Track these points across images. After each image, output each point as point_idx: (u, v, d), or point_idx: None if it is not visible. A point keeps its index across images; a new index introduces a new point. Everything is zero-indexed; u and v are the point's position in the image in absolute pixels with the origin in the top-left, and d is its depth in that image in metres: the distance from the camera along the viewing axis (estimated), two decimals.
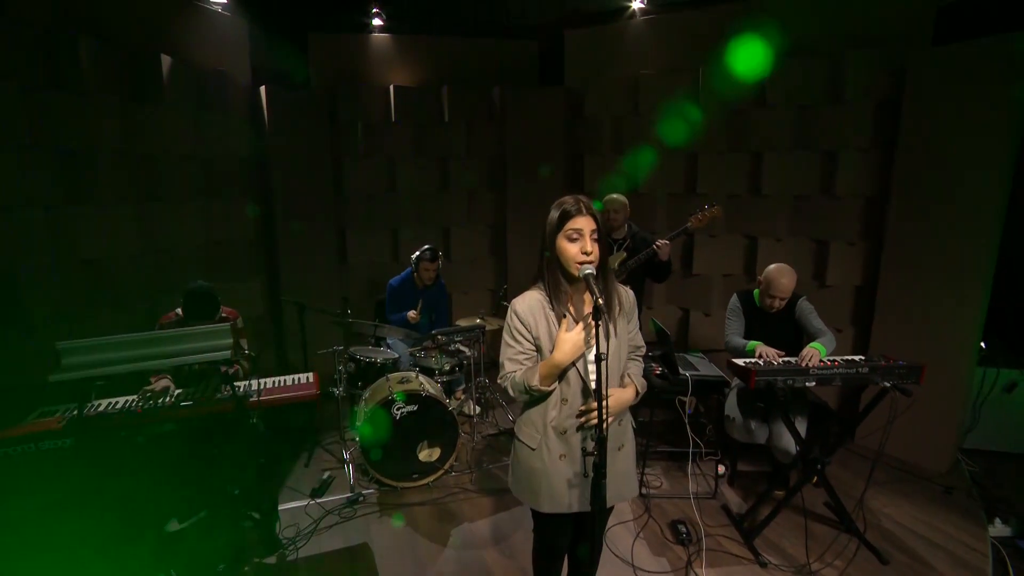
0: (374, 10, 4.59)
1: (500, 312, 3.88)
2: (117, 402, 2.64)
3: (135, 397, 2.68)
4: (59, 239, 2.99)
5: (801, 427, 2.84)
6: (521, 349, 1.74)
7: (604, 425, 1.55)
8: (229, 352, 2.43)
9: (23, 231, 2.83)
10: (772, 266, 2.97)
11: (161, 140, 3.47)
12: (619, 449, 1.82)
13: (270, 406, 2.73)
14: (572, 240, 1.65)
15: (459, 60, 4.94)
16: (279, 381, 2.92)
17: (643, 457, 3.33)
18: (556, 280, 1.72)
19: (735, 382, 3.13)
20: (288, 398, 2.75)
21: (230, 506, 2.91)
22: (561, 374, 1.70)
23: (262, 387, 2.83)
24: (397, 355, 3.77)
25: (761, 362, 2.75)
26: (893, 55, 3.43)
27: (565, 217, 1.66)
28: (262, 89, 4.22)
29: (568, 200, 1.68)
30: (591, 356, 1.66)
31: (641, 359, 1.92)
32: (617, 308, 1.76)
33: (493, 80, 4.97)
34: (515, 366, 1.75)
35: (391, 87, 4.71)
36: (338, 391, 3.64)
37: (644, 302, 4.55)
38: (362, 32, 4.73)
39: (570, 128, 4.87)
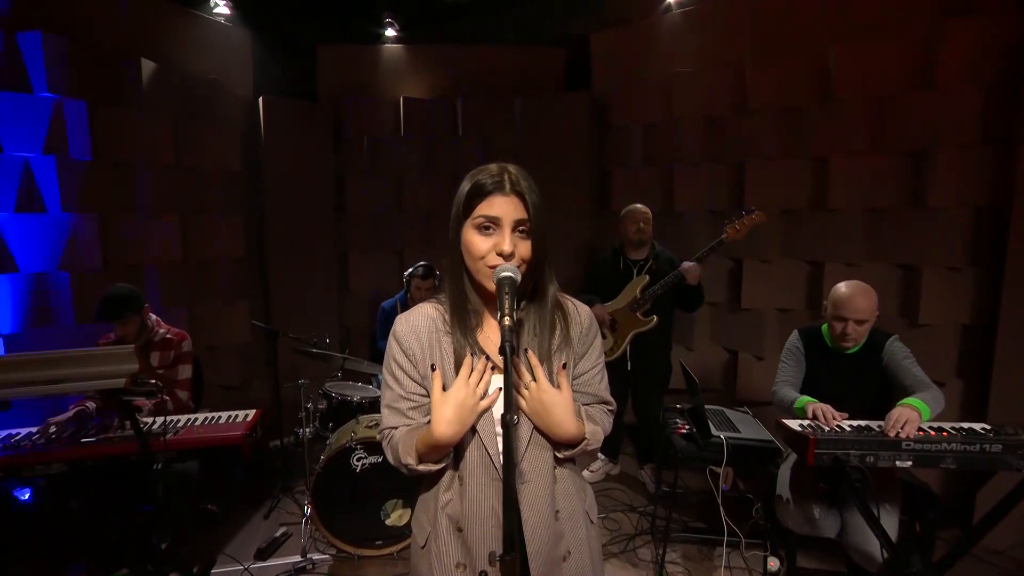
0: (387, 20, 4.32)
1: None
2: (15, 433, 2.27)
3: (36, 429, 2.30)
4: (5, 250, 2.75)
5: (890, 522, 1.99)
6: (403, 393, 1.14)
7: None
8: (123, 381, 1.99)
9: None
10: (842, 282, 2.21)
11: (134, 147, 3.22)
12: (563, 560, 1.14)
13: (183, 448, 2.25)
14: (483, 231, 1.06)
15: (477, 70, 4.54)
16: (212, 418, 2.45)
17: (664, 537, 2.56)
18: (459, 292, 1.13)
19: (790, 451, 2.33)
20: (201, 440, 2.26)
21: (154, 564, 2.43)
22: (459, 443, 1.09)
23: (189, 424, 2.37)
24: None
25: (824, 427, 1.96)
26: (1006, 23, 2.63)
27: (476, 194, 1.07)
28: (260, 100, 3.98)
29: (489, 169, 1.09)
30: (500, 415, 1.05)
31: (608, 413, 1.25)
32: (551, 338, 1.13)
33: (514, 91, 4.52)
34: (397, 419, 1.14)
35: (401, 99, 4.37)
36: (304, 432, 3.14)
37: (679, 339, 3.80)
38: (374, 43, 4.46)
39: (597, 139, 4.29)
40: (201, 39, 3.73)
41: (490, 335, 1.14)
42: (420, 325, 1.14)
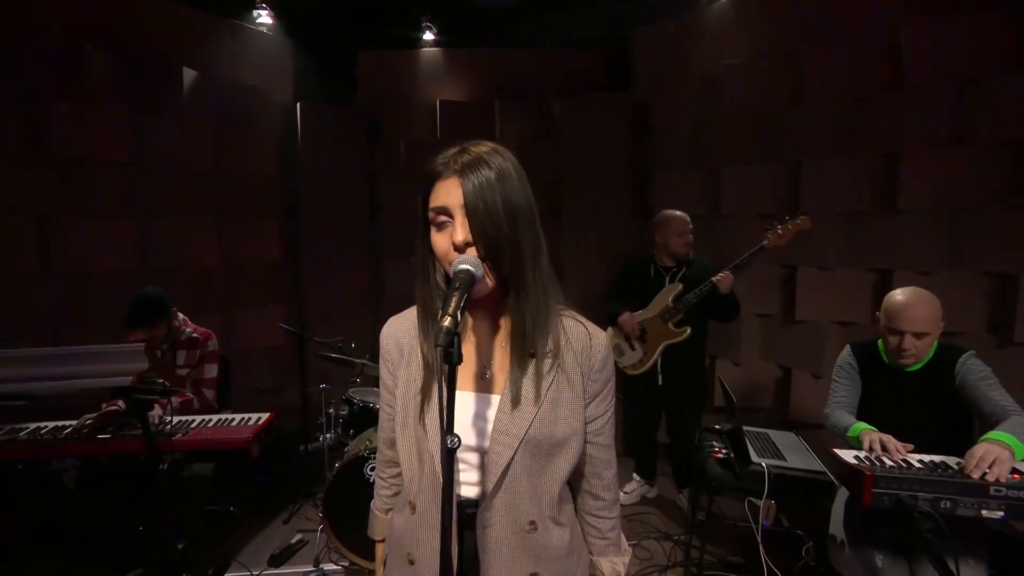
0: (425, 24, 4.30)
1: None
2: (44, 427, 2.32)
3: (71, 424, 2.34)
4: (51, 249, 2.86)
5: None
6: (386, 400, 1.03)
7: None
8: (130, 378, 1.98)
9: (13, 238, 2.72)
10: (897, 290, 1.90)
11: (174, 153, 3.32)
12: None
13: (190, 449, 2.23)
14: (440, 227, 0.90)
15: (515, 73, 4.44)
16: (225, 420, 2.43)
17: (697, 572, 2.29)
18: (429, 294, 0.97)
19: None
20: (208, 441, 2.22)
21: (168, 564, 2.42)
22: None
23: (202, 425, 2.36)
24: None
25: (884, 460, 1.66)
26: None
27: (426, 183, 0.92)
28: (297, 107, 4.04)
29: (446, 151, 0.93)
30: (477, 440, 0.92)
31: (613, 515, 1.05)
32: (533, 353, 0.94)
33: (552, 93, 4.38)
34: (383, 433, 1.07)
35: (437, 102, 4.33)
36: (325, 437, 3.09)
37: (724, 352, 3.50)
38: (412, 47, 4.45)
39: (638, 141, 4.06)
40: (244, 48, 3.84)
41: (470, 347, 0.98)
42: (402, 330, 1.01)
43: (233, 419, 2.42)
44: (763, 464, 2.00)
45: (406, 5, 4.15)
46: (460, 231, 0.87)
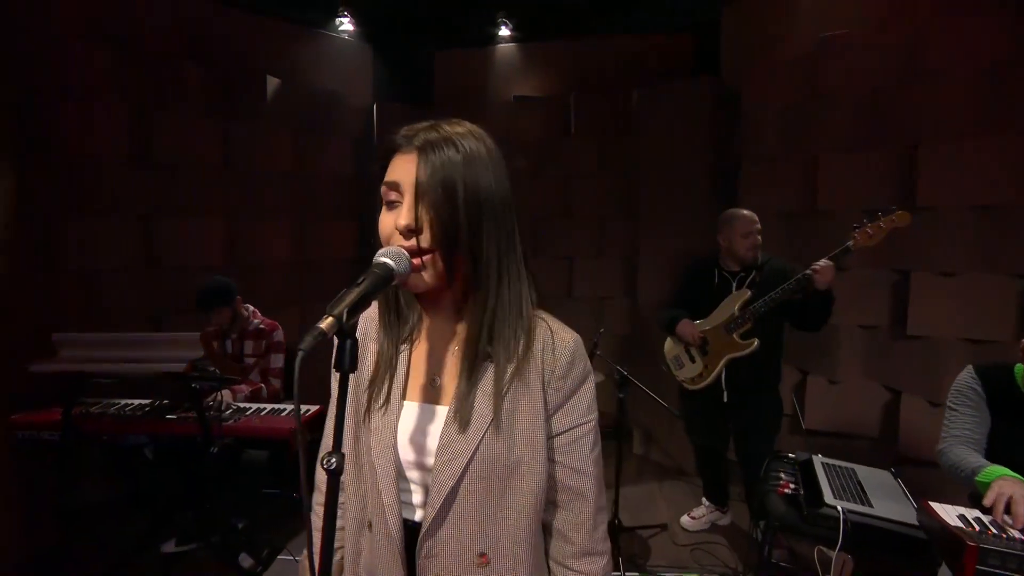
0: (501, 20, 4.24)
1: (594, 364, 2.93)
2: (129, 404, 2.55)
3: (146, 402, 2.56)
4: (152, 245, 3.19)
5: None
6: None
7: None
8: (184, 365, 2.12)
9: (116, 236, 3.05)
10: None
11: (258, 156, 3.56)
12: None
13: (238, 436, 2.33)
14: (388, 205, 0.80)
15: (594, 64, 4.26)
16: (278, 410, 2.53)
17: None
18: (387, 291, 0.88)
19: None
20: (255, 429, 2.32)
21: (226, 542, 2.58)
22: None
23: (255, 413, 2.47)
24: None
25: (1009, 526, 1.30)
26: None
27: (386, 154, 0.82)
28: (374, 108, 4.17)
29: (418, 126, 0.81)
30: (422, 457, 0.83)
31: (586, 570, 0.86)
32: (490, 366, 0.81)
33: (634, 84, 4.12)
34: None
35: (512, 98, 4.26)
36: None
37: (816, 367, 3.07)
38: (488, 45, 4.42)
39: (723, 131, 3.68)
40: (325, 55, 4.05)
41: (432, 347, 0.87)
42: (368, 319, 0.92)
43: (285, 409, 2.51)
44: (839, 508, 1.66)
45: (482, 2, 4.12)
46: (404, 214, 0.77)
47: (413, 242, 0.76)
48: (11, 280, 2.55)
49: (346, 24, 4.06)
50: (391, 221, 0.78)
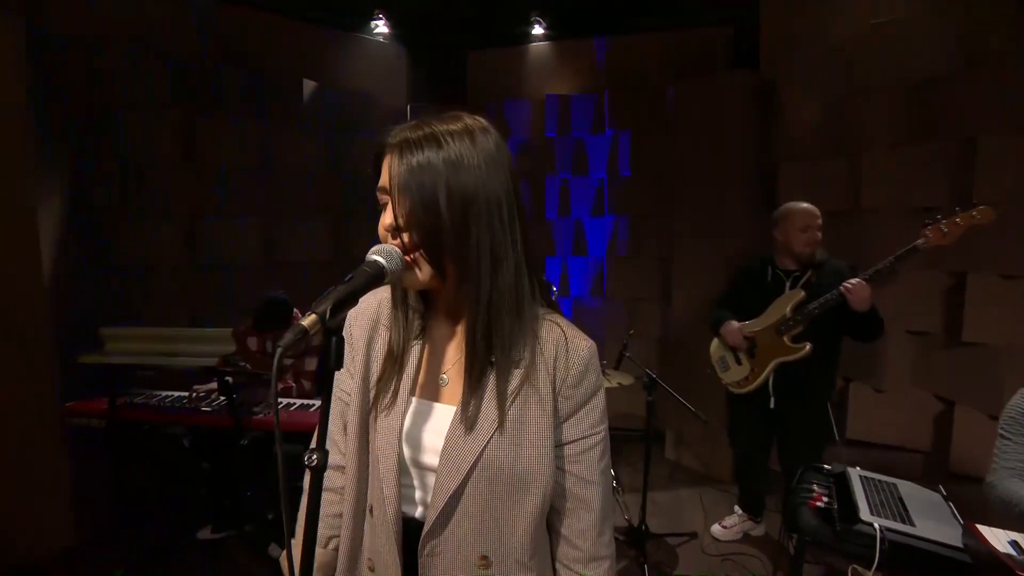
0: (534, 18, 4.22)
1: (624, 366, 2.87)
2: (168, 395, 2.67)
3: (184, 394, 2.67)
4: (196, 244, 3.33)
5: None
6: (342, 388, 0.93)
7: None
8: (216, 360, 2.20)
9: (158, 236, 3.21)
10: None
11: (294, 158, 3.66)
12: None
13: (270, 430, 2.40)
14: (383, 207, 0.81)
15: (628, 60, 4.16)
16: (308, 405, 2.59)
17: None
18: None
19: None
20: (283, 424, 2.37)
21: (259, 531, 2.67)
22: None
23: (284, 408, 2.54)
24: None
25: None
26: None
27: (378, 156, 0.83)
28: (407, 108, 4.23)
29: (403, 126, 0.82)
30: (426, 456, 0.83)
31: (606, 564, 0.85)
32: (496, 368, 0.80)
33: (670, 79, 4.02)
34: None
35: (545, 96, 4.23)
36: None
37: (863, 374, 2.91)
38: (522, 43, 4.41)
39: (763, 127, 3.54)
40: (360, 57, 4.14)
41: (440, 344, 0.87)
42: (369, 308, 0.90)
43: (313, 405, 2.57)
44: (875, 525, 1.56)
45: (515, 0, 4.11)
46: (387, 214, 0.78)
47: (399, 241, 0.76)
48: (65, 277, 2.71)
49: (381, 27, 4.13)
50: (382, 222, 0.79)
